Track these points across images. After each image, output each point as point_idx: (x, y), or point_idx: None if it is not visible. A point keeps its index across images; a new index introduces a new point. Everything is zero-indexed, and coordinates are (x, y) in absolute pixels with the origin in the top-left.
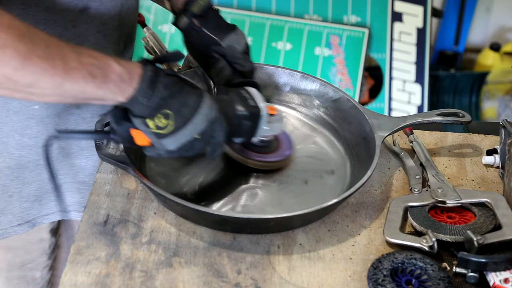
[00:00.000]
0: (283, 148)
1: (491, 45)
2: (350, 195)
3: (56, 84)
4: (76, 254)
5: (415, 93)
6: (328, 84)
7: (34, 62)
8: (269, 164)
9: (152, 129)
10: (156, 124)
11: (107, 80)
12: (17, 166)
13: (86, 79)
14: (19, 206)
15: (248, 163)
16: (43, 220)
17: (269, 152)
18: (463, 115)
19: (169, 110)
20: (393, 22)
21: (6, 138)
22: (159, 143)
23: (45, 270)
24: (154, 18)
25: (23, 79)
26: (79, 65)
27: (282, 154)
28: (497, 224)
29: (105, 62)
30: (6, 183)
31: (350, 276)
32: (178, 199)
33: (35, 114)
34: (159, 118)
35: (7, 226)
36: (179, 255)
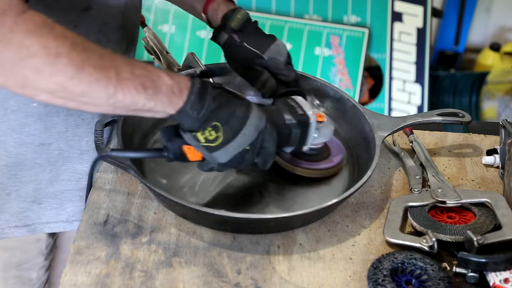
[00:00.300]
0: (333, 154)
1: (491, 45)
2: (350, 195)
3: (109, 94)
4: (76, 254)
5: (415, 93)
6: (328, 84)
7: (88, 72)
8: (318, 172)
9: (202, 142)
10: (206, 137)
11: (158, 91)
12: (15, 164)
13: (138, 90)
14: (16, 206)
15: (297, 171)
16: (43, 228)
17: (320, 160)
18: (463, 115)
19: (218, 122)
20: (393, 22)
21: (4, 137)
22: (211, 156)
23: (41, 271)
24: (154, 18)
25: (77, 88)
26: (132, 76)
27: (332, 160)
28: (497, 224)
29: (156, 74)
30: (3, 181)
31: (350, 276)
32: (178, 199)
33: (33, 112)
34: (209, 131)
35: (4, 226)
36: (179, 255)
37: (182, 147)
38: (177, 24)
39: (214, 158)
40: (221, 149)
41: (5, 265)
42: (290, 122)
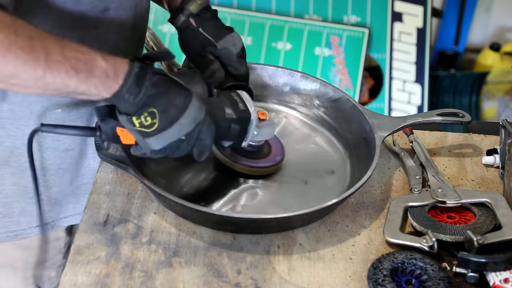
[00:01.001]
0: (274, 153)
1: (491, 45)
2: (350, 195)
3: (38, 76)
4: (76, 254)
5: (415, 93)
6: (328, 84)
7: (15, 53)
8: (257, 170)
9: (137, 127)
10: (141, 122)
11: (91, 75)
12: (39, 168)
13: (69, 73)
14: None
15: (236, 167)
16: (61, 223)
17: (259, 158)
18: (463, 115)
19: (155, 108)
20: (393, 22)
21: None
22: (144, 142)
23: (60, 269)
24: (154, 18)
25: (4, 69)
26: (62, 59)
27: (272, 159)
28: (497, 224)
29: (90, 57)
30: (27, 184)
31: (350, 276)
32: (178, 199)
33: (57, 118)
34: (144, 116)
35: (25, 227)
36: (179, 255)
37: (116, 129)
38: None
39: (147, 144)
40: (155, 135)
41: (25, 265)
42: (230, 117)
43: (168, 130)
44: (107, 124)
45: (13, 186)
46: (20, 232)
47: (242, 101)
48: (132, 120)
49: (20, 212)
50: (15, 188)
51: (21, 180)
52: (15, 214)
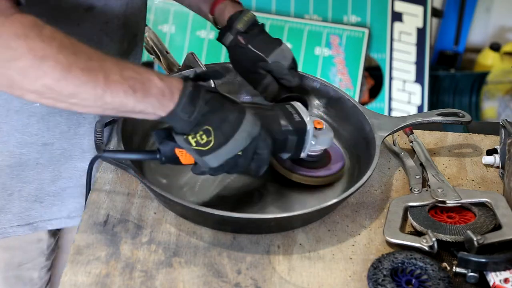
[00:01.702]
0: (333, 162)
1: (491, 45)
2: (350, 195)
3: (97, 96)
4: (76, 254)
5: (415, 93)
6: (328, 84)
7: (75, 74)
8: (315, 179)
9: (193, 146)
10: (197, 140)
11: (148, 94)
12: (17, 164)
13: (127, 92)
14: (18, 205)
15: (293, 177)
16: (46, 225)
17: (319, 167)
18: (463, 115)
19: (210, 126)
20: (393, 22)
21: (7, 137)
22: (202, 160)
23: (43, 271)
24: (154, 18)
25: (65, 89)
26: (121, 79)
27: (331, 168)
28: (497, 224)
29: (147, 77)
30: (6, 181)
31: (350, 276)
32: (178, 199)
33: (36, 112)
34: (200, 135)
35: (6, 226)
36: (179, 255)
37: (175, 150)
38: (177, 24)
39: (205, 162)
40: (212, 153)
41: (6, 265)
42: (286, 129)
43: (224, 147)
44: (166, 146)
45: None
46: (1, 231)
47: (297, 112)
48: (188, 140)
49: (0, 209)
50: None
51: (0, 177)
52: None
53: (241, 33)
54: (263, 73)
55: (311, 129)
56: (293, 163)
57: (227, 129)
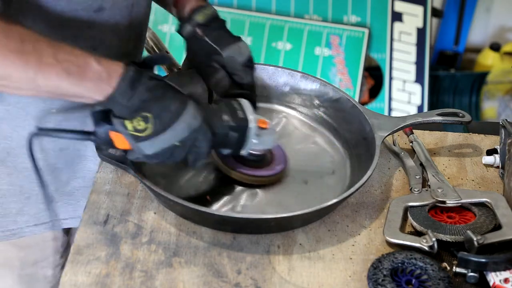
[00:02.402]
0: (276, 163)
1: (491, 45)
2: (350, 195)
3: (29, 78)
4: (76, 254)
5: (415, 93)
6: (328, 84)
7: (5, 56)
8: (253, 178)
9: (130, 131)
10: (134, 126)
11: (84, 78)
12: (34, 169)
13: (60, 75)
14: (35, 208)
15: (232, 175)
16: (61, 224)
17: (260, 166)
18: (463, 115)
19: (149, 113)
20: (393, 22)
21: (24, 141)
22: (137, 146)
23: (57, 269)
24: (154, 18)
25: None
26: (54, 61)
27: (272, 169)
28: (497, 224)
29: (83, 60)
30: (24, 184)
31: (350, 276)
32: (178, 199)
33: (52, 118)
34: (138, 121)
35: (23, 226)
36: (179, 255)
37: (109, 133)
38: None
39: (140, 149)
40: (147, 140)
41: (22, 263)
42: (228, 124)
43: (161, 136)
44: (101, 128)
45: (9, 186)
46: (18, 231)
47: (242, 108)
48: (125, 124)
49: (17, 211)
50: (11, 188)
51: (18, 180)
52: (12, 213)
53: (200, 25)
54: (216, 67)
55: (253, 128)
56: (235, 160)
57: (166, 118)
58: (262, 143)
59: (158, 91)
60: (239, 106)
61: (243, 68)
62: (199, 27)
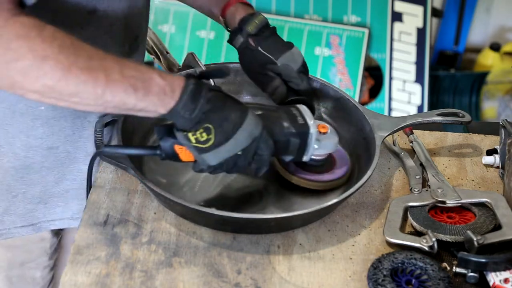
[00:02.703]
0: (337, 167)
1: (491, 45)
2: (350, 195)
3: (98, 95)
4: (76, 254)
5: (415, 93)
6: (328, 84)
7: (76, 74)
8: (316, 184)
9: (193, 143)
10: (197, 138)
11: (149, 92)
12: (22, 167)
13: (128, 91)
14: (23, 207)
15: (293, 180)
16: (49, 226)
17: (322, 171)
18: (463, 115)
19: (211, 124)
20: (393, 22)
21: (12, 139)
22: (201, 157)
23: (45, 270)
24: (154, 18)
25: (65, 89)
26: (121, 78)
27: (334, 173)
28: (497, 224)
29: (148, 75)
30: (11, 183)
31: (350, 276)
32: (178, 199)
33: (41, 115)
34: (200, 132)
35: (10, 226)
36: (179, 255)
37: (174, 146)
38: (177, 24)
39: (203, 160)
40: (211, 151)
41: (9, 264)
42: (289, 131)
43: (223, 146)
44: (166, 142)
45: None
46: (5, 231)
47: (301, 115)
48: (188, 136)
49: (4, 211)
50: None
51: (4, 180)
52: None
53: (251, 36)
54: (272, 75)
55: (314, 133)
56: (297, 166)
57: (228, 128)
58: (323, 147)
59: (218, 102)
60: (298, 112)
61: (298, 74)
62: (251, 37)
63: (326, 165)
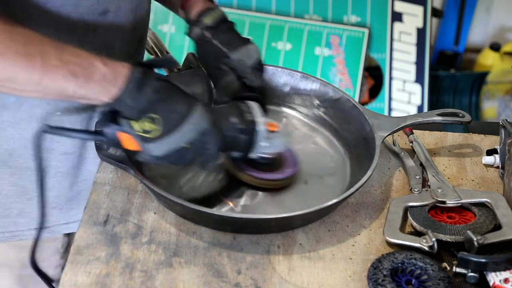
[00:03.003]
0: (287, 166)
1: (491, 45)
2: (350, 195)
3: (35, 81)
4: (76, 254)
5: (415, 93)
6: (328, 84)
7: (10, 59)
8: (263, 182)
9: (138, 131)
10: (142, 127)
11: (90, 79)
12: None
13: (67, 77)
14: (37, 211)
15: (242, 177)
16: (62, 230)
17: (271, 170)
18: (463, 115)
19: (157, 114)
20: (393, 22)
21: (28, 142)
22: (145, 147)
23: (57, 270)
24: (154, 18)
25: (1, 74)
26: (60, 63)
27: (282, 172)
28: (497, 224)
29: (89, 62)
30: (27, 184)
31: (350, 276)
32: (178, 199)
33: (57, 121)
34: (145, 122)
35: (24, 229)
36: (179, 255)
37: (117, 133)
38: (177, 24)
39: (148, 150)
40: (155, 142)
41: (21, 264)
42: (236, 127)
43: (168, 137)
44: (109, 128)
45: (12, 187)
46: (18, 233)
47: (250, 111)
48: (132, 125)
49: (19, 212)
50: (13, 189)
51: (20, 181)
52: (14, 214)
53: (208, 28)
54: (225, 69)
55: (262, 130)
56: (246, 163)
57: (174, 119)
58: (272, 146)
59: (165, 92)
60: (247, 108)
61: (252, 71)
62: (207, 29)
63: (275, 164)
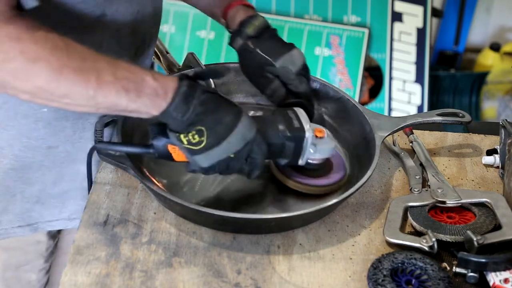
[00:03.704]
0: (334, 172)
1: (491, 45)
2: (350, 195)
3: (89, 96)
4: (76, 254)
5: (415, 93)
6: (328, 84)
7: (67, 75)
8: (310, 188)
9: (185, 144)
10: (189, 140)
11: (141, 94)
12: (21, 167)
13: (119, 93)
14: (20, 206)
15: (288, 184)
16: (46, 227)
17: (317, 176)
18: (463, 115)
19: (203, 126)
20: (393, 22)
21: (12, 141)
22: (193, 159)
23: (41, 273)
24: None
25: (56, 90)
26: (113, 79)
27: (330, 178)
28: (497, 224)
29: (140, 77)
30: (10, 184)
31: (350, 276)
32: (178, 199)
33: (43, 117)
34: (192, 134)
35: (7, 227)
36: (179, 255)
37: (167, 146)
38: (177, 24)
39: (195, 161)
40: (203, 153)
41: (4, 266)
42: (283, 134)
43: (215, 148)
44: (159, 141)
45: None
46: (2, 232)
47: (298, 118)
48: (180, 138)
49: (2, 210)
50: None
51: (4, 181)
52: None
53: (250, 38)
54: (270, 77)
55: (310, 137)
56: (293, 169)
57: (220, 131)
58: (319, 152)
59: (211, 104)
60: (294, 115)
61: (297, 77)
62: (249, 39)
63: (322, 169)
